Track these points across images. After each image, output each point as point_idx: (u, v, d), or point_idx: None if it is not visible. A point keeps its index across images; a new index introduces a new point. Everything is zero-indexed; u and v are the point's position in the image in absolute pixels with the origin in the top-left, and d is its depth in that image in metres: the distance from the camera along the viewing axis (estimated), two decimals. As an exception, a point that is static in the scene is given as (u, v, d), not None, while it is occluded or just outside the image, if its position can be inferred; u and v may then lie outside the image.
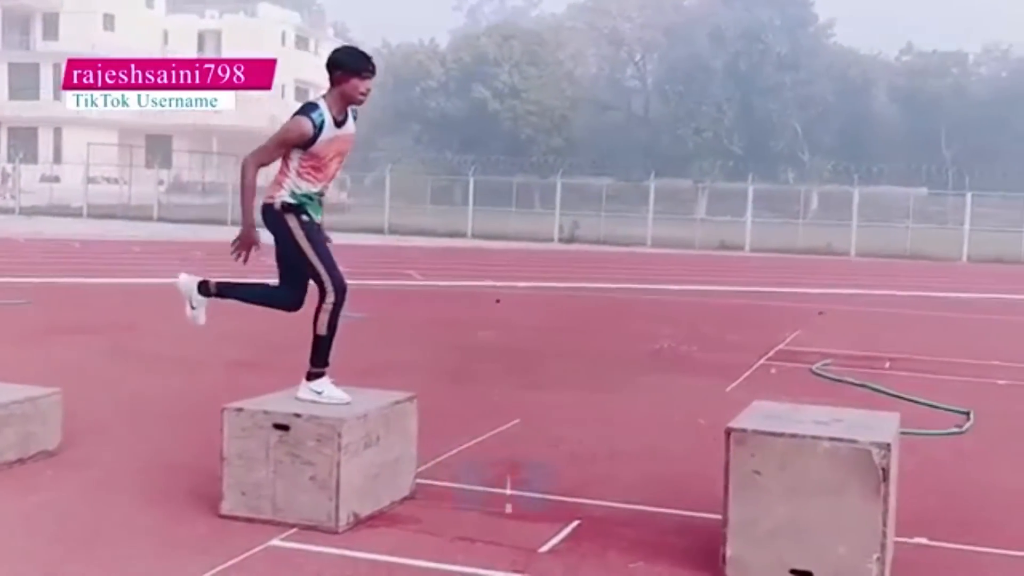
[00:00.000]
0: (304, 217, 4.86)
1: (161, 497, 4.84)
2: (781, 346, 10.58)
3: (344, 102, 4.89)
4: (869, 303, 16.21)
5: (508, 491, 5.07)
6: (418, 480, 5.02)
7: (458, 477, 5.26)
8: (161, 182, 42.20)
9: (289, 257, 4.91)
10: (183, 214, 37.55)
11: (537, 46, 65.18)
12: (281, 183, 4.89)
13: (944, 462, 5.98)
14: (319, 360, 4.88)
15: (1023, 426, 7.20)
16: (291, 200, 4.86)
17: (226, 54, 60.74)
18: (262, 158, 4.90)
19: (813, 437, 3.91)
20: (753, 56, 63.13)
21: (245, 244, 4.94)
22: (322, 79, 5.24)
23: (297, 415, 4.49)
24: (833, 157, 54.68)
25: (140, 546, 4.22)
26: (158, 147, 53.06)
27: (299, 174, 4.85)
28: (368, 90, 4.92)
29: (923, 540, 4.50)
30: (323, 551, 4.20)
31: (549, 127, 63.10)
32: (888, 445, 3.82)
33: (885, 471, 3.79)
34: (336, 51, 4.99)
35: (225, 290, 5.18)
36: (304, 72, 65.19)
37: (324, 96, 4.90)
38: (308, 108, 4.85)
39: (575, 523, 4.57)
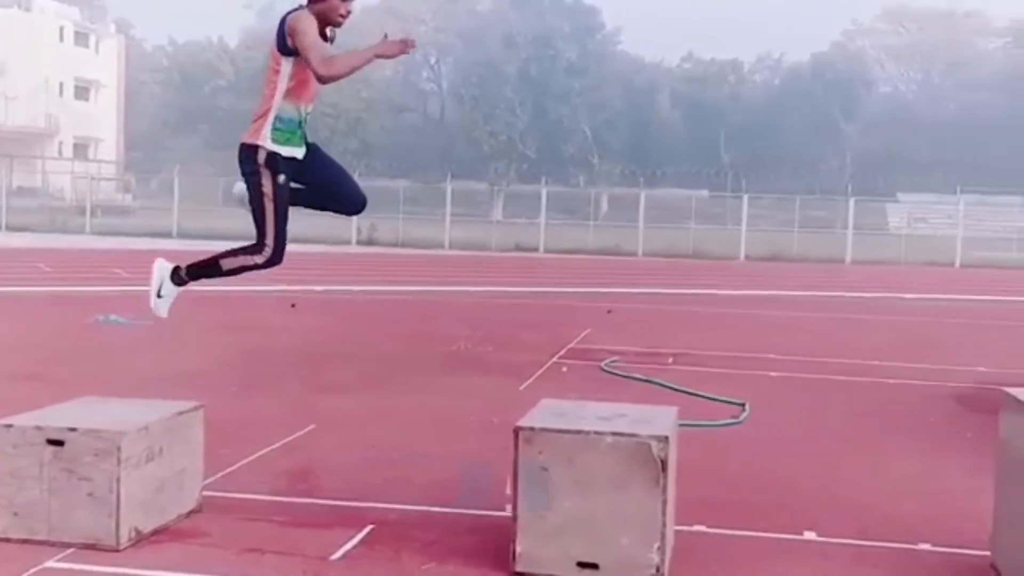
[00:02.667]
0: (280, 178, 4.65)
1: (-78, 523, 4.51)
2: (572, 344, 10.87)
3: (323, 22, 4.60)
4: (655, 301, 16.87)
5: (300, 499, 5.01)
6: (206, 492, 4.88)
7: (248, 487, 5.15)
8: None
9: (251, 207, 4.69)
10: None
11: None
12: (266, 113, 4.59)
13: (722, 452, 6.28)
14: (195, 274, 4.69)
15: (794, 415, 7.66)
16: (274, 145, 4.58)
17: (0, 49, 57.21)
18: (321, 51, 4.44)
19: (597, 433, 4.04)
20: (544, 61, 64.65)
21: (395, 48, 4.53)
22: (106, 76, 5.01)
23: (72, 429, 4.28)
24: (621, 161, 56.78)
25: (-103, 577, 3.93)
26: (-81, 148, 49.30)
27: (287, 93, 4.55)
28: (349, 12, 4.63)
29: (702, 527, 4.73)
30: (103, 570, 4.02)
31: (345, 129, 62.59)
32: (666, 438, 3.99)
33: (664, 463, 3.96)
34: None
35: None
36: (84, 69, 62.02)
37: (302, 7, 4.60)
38: (296, 8, 4.53)
39: (369, 528, 4.55)
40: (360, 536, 4.45)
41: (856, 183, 41.03)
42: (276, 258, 4.71)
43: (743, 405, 7.60)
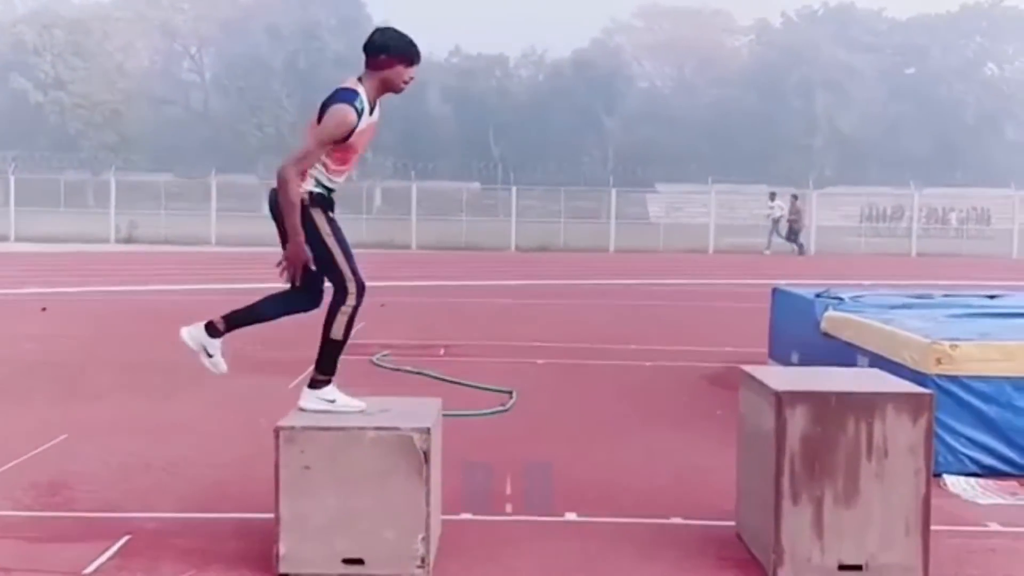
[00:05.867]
0: (330, 213, 4.37)
1: None
2: (344, 340, 10.77)
3: (384, 89, 4.39)
4: (428, 294, 16.97)
5: (51, 513, 4.76)
6: (-56, 513, 4.57)
7: (-7, 504, 4.85)
8: None
9: (312, 255, 4.37)
10: None
11: (82, 36, 61.21)
12: (306, 172, 4.30)
13: (489, 439, 6.41)
14: (329, 367, 4.41)
15: (557, 401, 7.90)
16: (318, 190, 4.31)
17: None
18: (306, 164, 4.21)
19: (359, 428, 4.06)
20: (311, 54, 63.79)
21: (296, 261, 4.30)
22: None
23: None
24: (393, 154, 56.64)
25: None
26: None
27: (326, 166, 4.29)
28: (412, 79, 4.43)
29: (468, 515, 4.82)
30: None
31: (100, 121, 59.59)
32: (428, 429, 4.05)
33: (426, 454, 4.02)
34: (382, 32, 4.49)
35: (236, 319, 4.55)
36: None
37: (360, 79, 4.34)
38: (348, 95, 4.26)
39: (125, 539, 4.38)
40: (115, 548, 4.28)
41: (618, 175, 42.65)
42: (363, 293, 4.50)
43: (510, 393, 7.79)
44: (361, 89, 4.39)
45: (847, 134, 66.97)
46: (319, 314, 4.61)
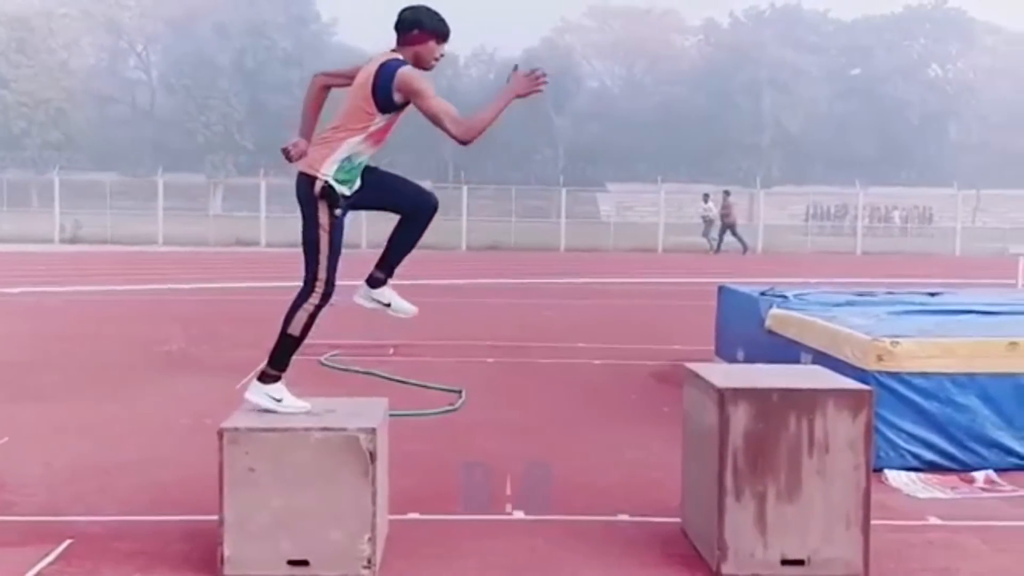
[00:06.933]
0: (336, 211, 4.36)
1: None
2: (292, 340, 10.68)
3: (415, 66, 4.38)
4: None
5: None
6: None
7: (-70, 510, 4.76)
8: None
9: (304, 239, 4.40)
10: None
11: (26, 33, 60.19)
12: (336, 147, 4.32)
13: (438, 439, 6.42)
14: (281, 362, 4.36)
15: (508, 399, 7.92)
16: (333, 181, 4.31)
17: None
18: (456, 113, 4.38)
19: (305, 429, 4.04)
20: (259, 52, 63.26)
21: (530, 88, 4.59)
22: None
23: None
24: (343, 153, 56.46)
25: None
26: None
27: (367, 137, 4.32)
28: (443, 55, 4.45)
29: (415, 515, 4.82)
30: None
31: (44, 120, 58.67)
32: (374, 430, 4.04)
33: (372, 454, 4.01)
34: (414, 9, 4.44)
35: (389, 261, 4.67)
36: None
37: (395, 52, 4.35)
38: (401, 62, 4.30)
39: (67, 543, 4.33)
40: (57, 552, 4.23)
41: (568, 174, 42.90)
42: (328, 297, 4.49)
43: (460, 392, 7.79)
44: (403, 59, 4.44)
45: (794, 134, 67.73)
46: (280, 313, 4.59)
